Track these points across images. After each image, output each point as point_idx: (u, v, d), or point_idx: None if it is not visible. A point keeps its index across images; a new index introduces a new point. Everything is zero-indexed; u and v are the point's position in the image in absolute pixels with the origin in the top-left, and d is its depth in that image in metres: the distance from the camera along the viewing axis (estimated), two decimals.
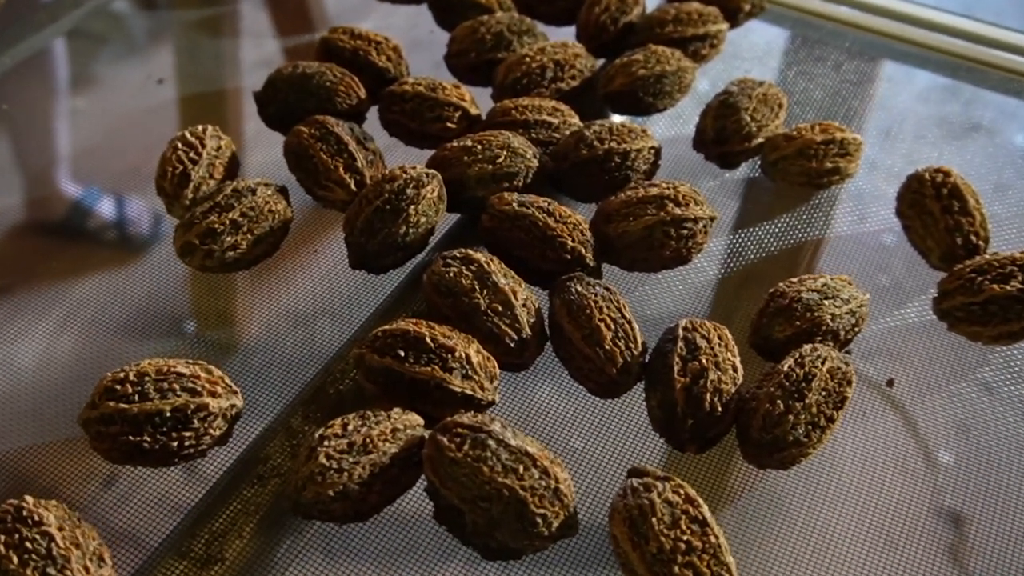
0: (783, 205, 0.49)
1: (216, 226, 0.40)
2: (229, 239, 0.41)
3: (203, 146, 0.44)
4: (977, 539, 0.37)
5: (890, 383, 0.41)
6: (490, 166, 0.43)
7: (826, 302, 0.38)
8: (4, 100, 0.55)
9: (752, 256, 0.47)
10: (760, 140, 0.47)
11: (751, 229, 0.48)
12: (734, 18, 0.55)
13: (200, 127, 0.45)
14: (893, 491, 0.39)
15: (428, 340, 0.36)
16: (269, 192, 0.42)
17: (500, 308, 0.37)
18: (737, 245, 0.48)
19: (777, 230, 0.48)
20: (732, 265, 0.47)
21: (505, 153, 0.43)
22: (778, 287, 0.39)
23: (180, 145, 0.44)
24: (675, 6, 0.53)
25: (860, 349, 0.42)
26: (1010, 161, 0.54)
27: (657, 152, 0.46)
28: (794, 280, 0.40)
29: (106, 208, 0.51)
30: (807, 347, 0.37)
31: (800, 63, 0.58)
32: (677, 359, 0.36)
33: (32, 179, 0.52)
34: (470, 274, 0.38)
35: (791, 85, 0.56)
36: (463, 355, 0.35)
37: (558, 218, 0.41)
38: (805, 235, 0.48)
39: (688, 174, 0.50)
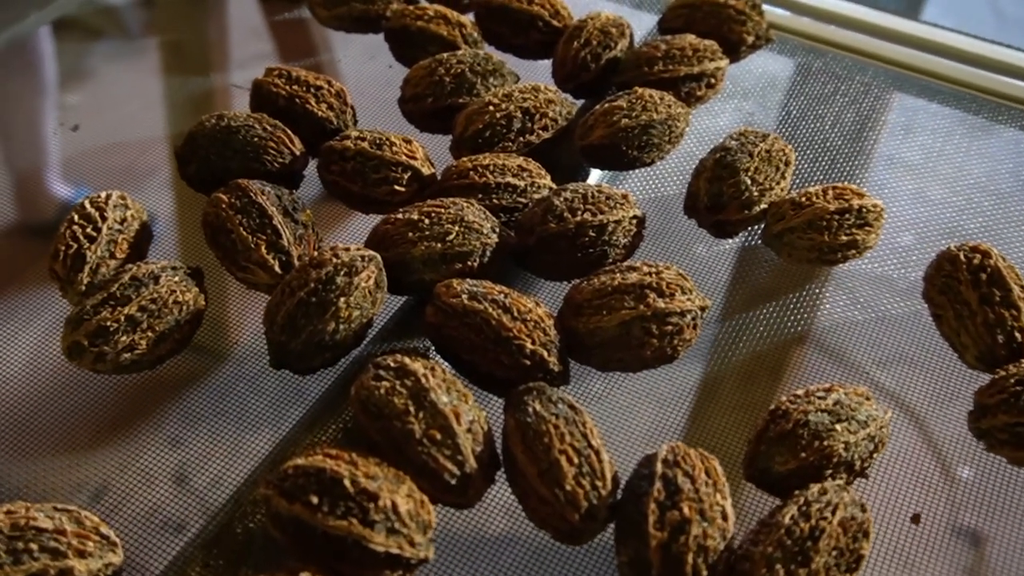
0: (789, 278, 0.42)
1: (108, 323, 0.34)
2: (124, 339, 0.34)
3: (103, 219, 0.37)
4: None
5: (915, 519, 0.34)
6: (439, 244, 0.36)
7: (838, 426, 0.31)
8: None
9: (752, 344, 0.40)
10: (762, 207, 0.40)
11: (749, 312, 0.41)
12: (735, 52, 0.47)
13: (104, 194, 0.38)
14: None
15: (347, 483, 0.29)
16: (176, 279, 0.36)
17: (438, 436, 0.31)
18: (732, 332, 0.41)
19: (781, 312, 0.41)
20: (726, 357, 0.40)
21: (457, 229, 0.36)
22: (780, 404, 0.33)
23: (76, 218, 0.37)
24: (666, 40, 0.45)
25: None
26: None
27: (640, 222, 0.39)
28: (799, 394, 0.33)
29: None
30: (814, 489, 0.30)
31: (807, 99, 0.50)
32: (653, 506, 0.29)
33: (20, 178, 0.49)
34: (404, 391, 0.31)
35: (795, 125, 0.49)
36: (388, 504, 0.29)
37: (516, 314, 0.34)
38: (814, 317, 0.41)
39: (680, 234, 0.43)
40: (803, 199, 0.39)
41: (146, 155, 0.41)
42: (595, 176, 0.46)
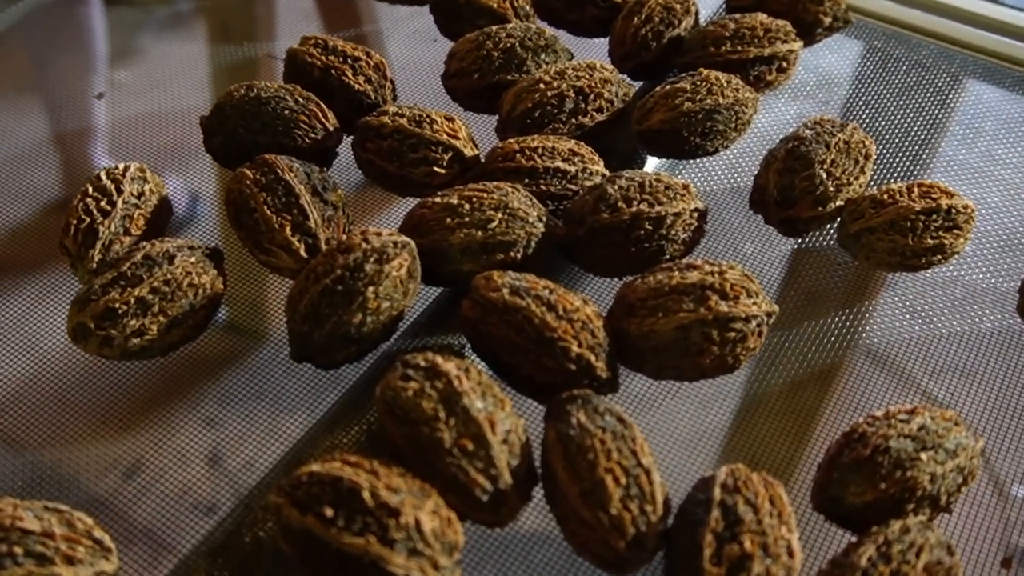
0: (840, 280, 0.38)
1: (117, 305, 0.31)
2: (134, 322, 0.31)
3: (119, 192, 0.35)
4: None
5: (1006, 564, 0.31)
6: (479, 232, 0.33)
7: (923, 455, 0.28)
8: (42, 71, 0.53)
9: (799, 347, 0.36)
10: (839, 204, 0.36)
11: (798, 314, 0.37)
12: (811, 33, 0.43)
13: (122, 166, 0.36)
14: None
15: (367, 495, 0.26)
16: (193, 259, 0.33)
17: (470, 446, 0.27)
18: (780, 334, 0.37)
19: (830, 316, 0.37)
20: (773, 360, 0.36)
21: (500, 216, 0.33)
22: (857, 426, 0.29)
23: (91, 190, 0.35)
24: (735, 18, 0.42)
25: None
26: None
27: (701, 216, 0.35)
28: (879, 416, 0.29)
29: None
30: (895, 527, 0.26)
31: (886, 88, 0.46)
32: (710, 537, 0.26)
33: (67, 155, 0.48)
34: (434, 394, 0.28)
35: (872, 116, 0.45)
36: (411, 521, 0.26)
37: (561, 313, 0.31)
38: (866, 323, 0.37)
39: (728, 231, 0.39)
40: (885, 196, 0.35)
41: (193, 132, 0.39)
42: (652, 164, 0.42)
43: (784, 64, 0.41)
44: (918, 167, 0.42)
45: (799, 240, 0.39)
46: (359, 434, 0.33)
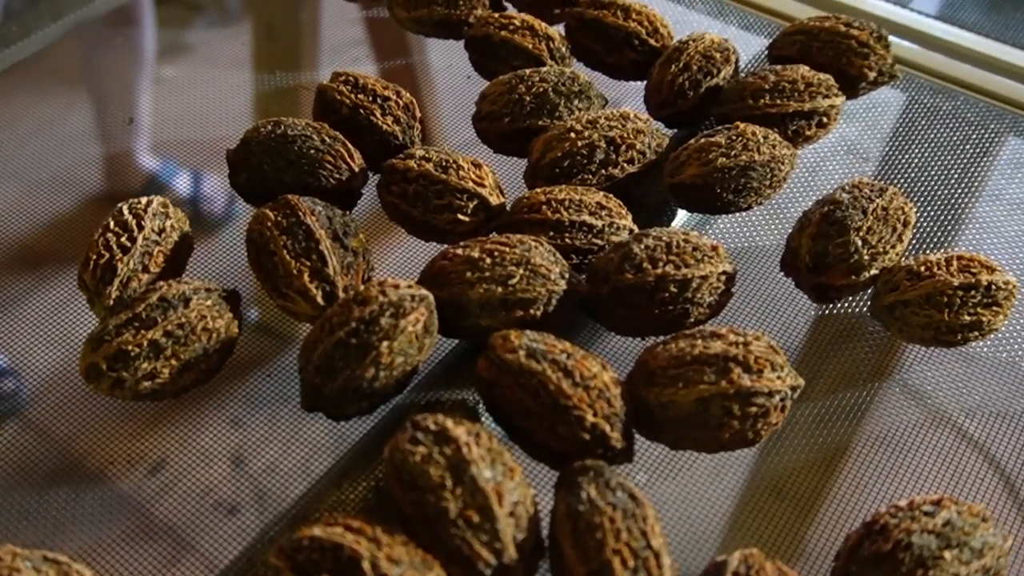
0: (889, 354, 0.37)
1: (130, 347, 0.31)
2: (146, 365, 0.31)
3: (140, 228, 0.34)
4: None
5: None
6: (499, 288, 0.32)
7: (947, 554, 0.26)
8: (89, 65, 0.53)
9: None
10: (873, 273, 0.35)
11: (844, 391, 0.36)
12: (853, 88, 0.42)
13: (144, 200, 0.35)
14: None
15: (366, 566, 0.25)
16: (208, 303, 0.32)
17: (476, 517, 0.27)
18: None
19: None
20: (814, 442, 0.35)
21: (521, 272, 0.32)
22: (878, 516, 0.28)
23: (112, 224, 0.34)
24: (775, 70, 0.40)
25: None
26: None
27: (729, 279, 0.34)
28: (902, 507, 0.28)
29: (181, 183, 0.48)
30: None
31: (931, 146, 0.45)
32: None
33: (110, 149, 0.48)
34: (442, 461, 0.27)
35: (915, 176, 0.43)
36: None
37: (578, 380, 0.30)
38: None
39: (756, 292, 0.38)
40: (922, 268, 0.34)
41: (234, 130, 0.40)
42: (681, 216, 0.41)
43: (824, 119, 0.40)
44: (957, 231, 0.41)
45: (829, 306, 0.38)
46: (366, 491, 0.32)
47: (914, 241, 0.40)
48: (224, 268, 0.40)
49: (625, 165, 0.38)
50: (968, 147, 0.44)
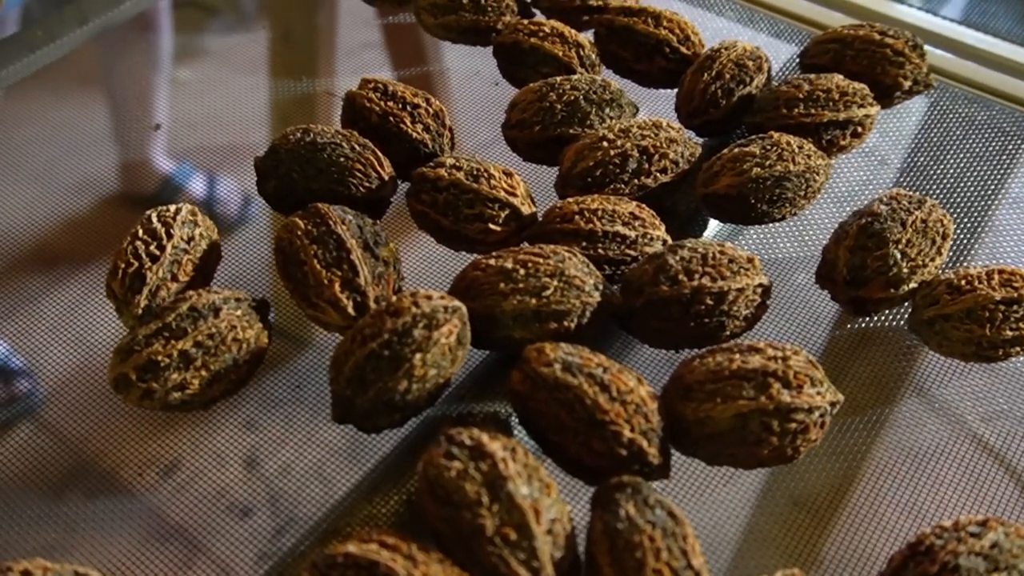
0: (929, 368, 0.36)
1: (160, 358, 0.31)
2: (175, 376, 0.31)
3: (169, 236, 0.34)
4: None
5: None
6: (533, 300, 0.32)
7: None
8: (108, 70, 0.54)
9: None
10: (912, 286, 0.34)
11: (884, 405, 0.35)
12: (888, 97, 0.42)
13: (172, 208, 0.35)
14: None
15: None
16: (238, 313, 0.32)
17: (513, 535, 0.26)
18: (864, 426, 0.35)
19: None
20: (855, 457, 0.34)
21: (555, 284, 0.32)
22: (924, 538, 0.27)
23: (140, 232, 0.34)
24: (809, 79, 0.40)
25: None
26: None
27: (765, 291, 0.34)
28: (947, 527, 0.27)
29: (197, 185, 0.48)
30: None
31: (968, 156, 0.44)
32: None
33: (126, 150, 0.49)
34: (479, 476, 0.27)
35: (952, 187, 0.43)
36: None
37: (615, 394, 0.29)
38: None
39: (792, 304, 0.38)
40: (963, 282, 0.33)
41: (250, 133, 0.39)
42: (713, 226, 0.41)
43: (859, 129, 0.40)
44: (999, 244, 0.40)
45: (866, 320, 0.37)
46: (398, 504, 0.32)
47: (952, 253, 0.39)
48: (240, 271, 0.40)
49: (658, 175, 0.37)
50: (1005, 157, 0.43)
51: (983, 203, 0.42)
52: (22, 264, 0.42)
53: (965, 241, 0.40)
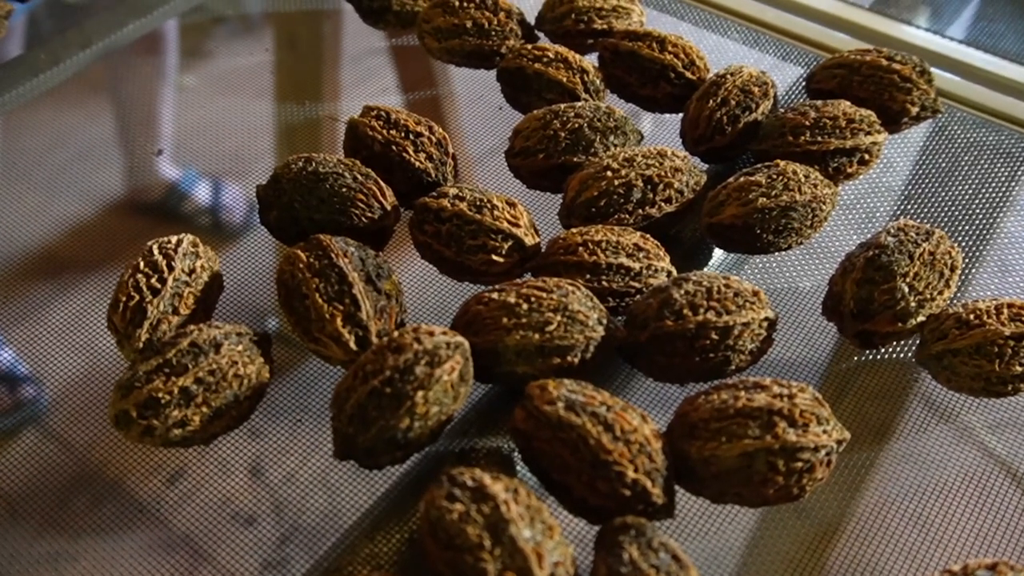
0: (937, 404, 0.36)
1: (160, 395, 0.30)
2: (176, 413, 0.30)
3: (170, 269, 0.34)
4: None
5: None
6: (536, 335, 0.32)
7: None
8: (113, 74, 0.54)
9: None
10: (920, 320, 0.34)
11: (891, 441, 0.35)
12: (896, 123, 0.41)
13: (174, 239, 0.35)
14: None
15: None
16: (239, 348, 0.32)
17: None
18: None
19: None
20: (860, 494, 0.34)
21: (558, 319, 0.32)
22: None
23: (142, 265, 0.34)
24: (816, 106, 0.40)
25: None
26: None
27: (771, 325, 0.33)
28: (955, 572, 0.27)
29: (202, 192, 0.48)
30: None
31: (976, 183, 0.44)
32: None
33: (132, 157, 0.49)
34: (480, 519, 0.27)
35: (959, 215, 0.42)
36: None
37: (618, 434, 0.29)
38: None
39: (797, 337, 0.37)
40: (971, 317, 0.33)
41: (254, 140, 0.39)
42: (717, 254, 0.40)
43: (867, 156, 0.39)
44: (1007, 277, 0.40)
45: (873, 352, 0.37)
46: (400, 543, 0.31)
47: (961, 284, 0.39)
48: (249, 276, 0.40)
49: (663, 204, 0.37)
50: (1014, 183, 0.43)
51: (990, 230, 0.41)
52: (28, 271, 0.42)
53: (973, 270, 0.40)
